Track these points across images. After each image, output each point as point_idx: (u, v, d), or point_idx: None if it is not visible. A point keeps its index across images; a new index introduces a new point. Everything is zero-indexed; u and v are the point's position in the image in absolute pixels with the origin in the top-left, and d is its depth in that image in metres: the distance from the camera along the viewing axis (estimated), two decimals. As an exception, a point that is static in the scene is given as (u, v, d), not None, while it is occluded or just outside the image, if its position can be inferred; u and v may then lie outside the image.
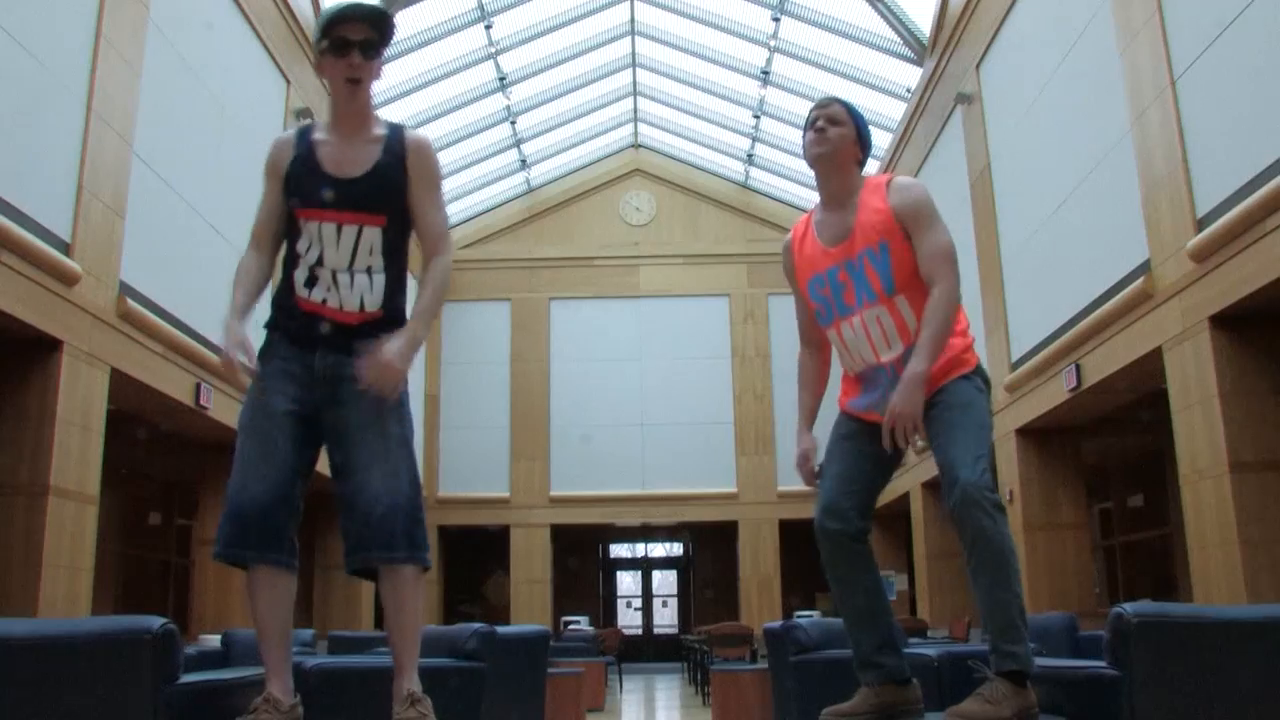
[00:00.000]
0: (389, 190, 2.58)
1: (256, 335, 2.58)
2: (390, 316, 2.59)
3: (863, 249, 2.70)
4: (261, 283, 2.65)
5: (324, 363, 2.53)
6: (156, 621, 2.40)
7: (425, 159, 2.64)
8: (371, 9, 2.59)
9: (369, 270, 2.56)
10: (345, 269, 2.55)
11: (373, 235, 2.56)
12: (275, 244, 2.68)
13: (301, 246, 2.57)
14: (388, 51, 2.70)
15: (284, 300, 2.60)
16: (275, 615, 2.48)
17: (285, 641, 2.51)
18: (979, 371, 2.69)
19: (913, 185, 2.72)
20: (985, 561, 2.43)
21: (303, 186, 2.58)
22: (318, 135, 2.65)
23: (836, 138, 2.75)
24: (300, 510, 2.55)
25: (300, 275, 2.57)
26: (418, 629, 2.53)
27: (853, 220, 2.73)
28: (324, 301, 2.55)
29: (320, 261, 2.55)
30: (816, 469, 2.86)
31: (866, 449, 2.74)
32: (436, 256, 2.63)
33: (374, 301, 2.57)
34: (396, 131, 2.66)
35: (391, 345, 2.45)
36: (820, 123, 2.77)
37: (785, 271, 2.98)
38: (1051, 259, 9.07)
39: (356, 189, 2.56)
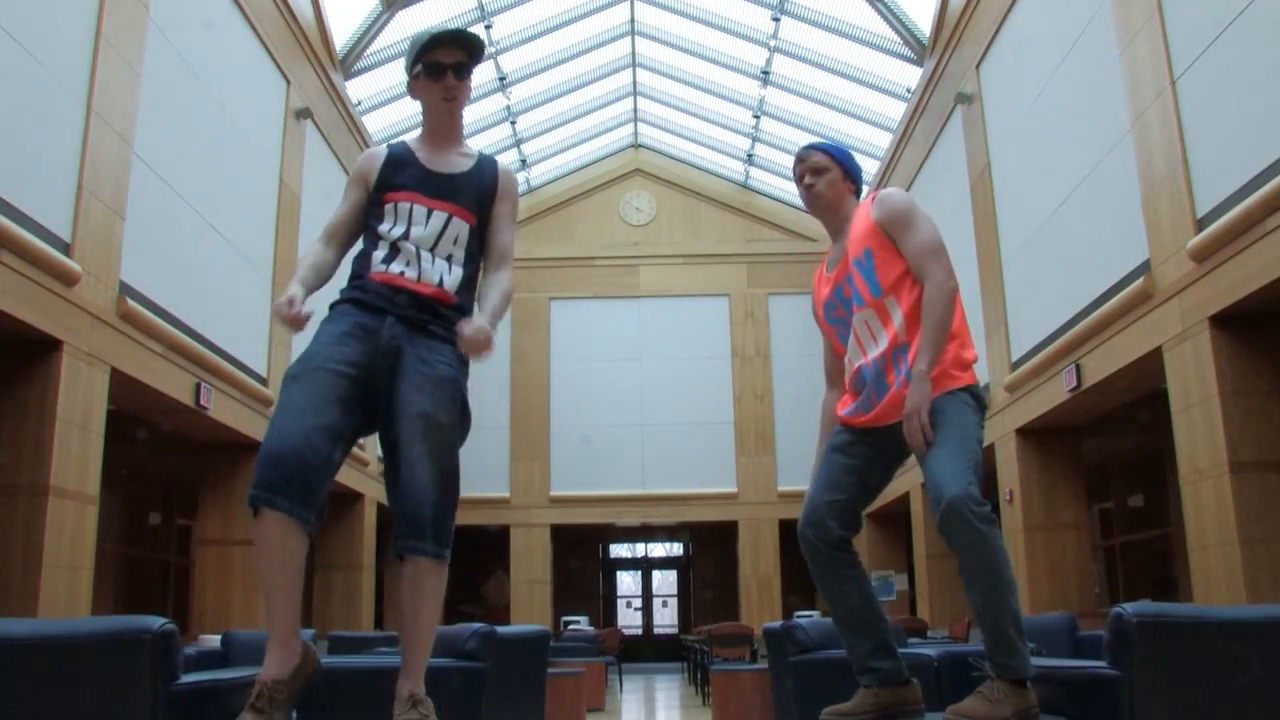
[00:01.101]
0: (479, 194, 2.73)
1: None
2: (462, 304, 2.66)
3: (853, 260, 2.78)
4: (325, 272, 2.69)
5: (391, 331, 2.53)
6: (156, 621, 2.39)
7: (513, 185, 2.83)
8: (463, 34, 2.74)
9: (450, 258, 2.66)
10: (429, 248, 2.64)
11: (460, 228, 2.68)
12: (346, 244, 2.76)
13: (385, 227, 2.65)
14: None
15: (357, 279, 2.65)
16: (285, 569, 2.33)
17: (292, 598, 2.35)
18: (970, 390, 2.67)
19: (891, 194, 2.80)
20: (975, 576, 2.42)
21: (395, 175, 2.70)
22: (412, 145, 2.78)
23: (825, 186, 2.90)
24: (334, 472, 2.45)
25: (379, 253, 2.64)
26: (432, 630, 2.49)
27: (846, 241, 2.84)
28: (401, 273, 2.60)
29: (406, 236, 2.64)
30: None
31: (853, 460, 2.76)
32: (501, 270, 2.75)
33: (451, 284, 2.64)
34: (490, 158, 2.84)
35: (480, 319, 2.55)
36: (807, 179, 2.92)
37: (813, 311, 3.04)
38: (1051, 259, 9.07)
39: (450, 182, 2.71)
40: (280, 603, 2.34)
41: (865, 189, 2.97)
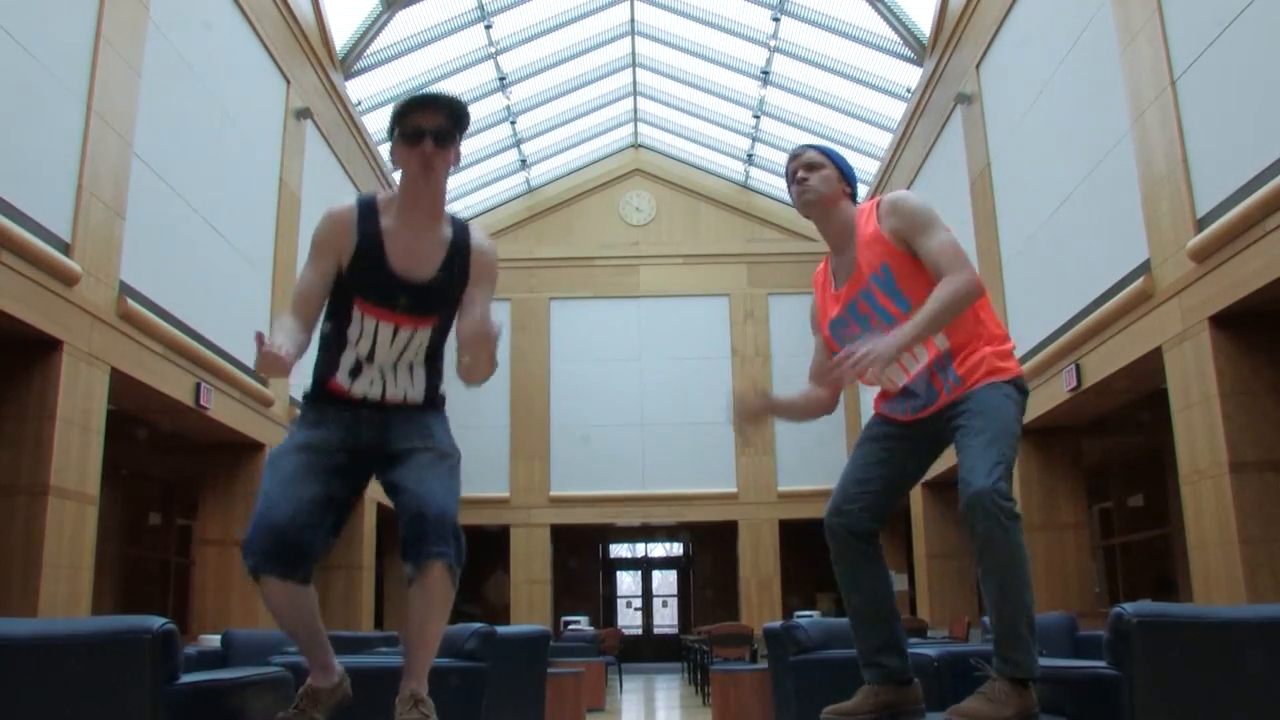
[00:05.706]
0: (450, 297, 2.64)
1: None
2: (429, 400, 2.69)
3: (869, 276, 2.69)
4: (303, 345, 2.58)
5: (370, 415, 2.63)
6: (156, 621, 2.39)
7: (489, 264, 2.69)
8: (445, 97, 2.58)
9: (411, 366, 2.65)
10: (392, 365, 2.63)
11: (424, 336, 2.64)
12: (315, 318, 2.65)
13: (352, 333, 2.61)
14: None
15: (325, 382, 2.64)
16: (300, 620, 2.55)
17: (315, 636, 2.60)
18: (1015, 382, 2.62)
19: (901, 199, 2.68)
20: (993, 570, 2.41)
21: (370, 283, 2.57)
22: (385, 221, 2.59)
23: (820, 181, 2.77)
24: (331, 539, 2.59)
25: (346, 362, 2.61)
26: (439, 634, 2.55)
27: (855, 254, 2.72)
28: (365, 397, 2.62)
29: (371, 356, 2.60)
30: (737, 415, 2.84)
31: (889, 454, 2.74)
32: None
33: (416, 394, 2.67)
34: (464, 234, 2.68)
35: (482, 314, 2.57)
36: (800, 173, 2.79)
37: (811, 318, 2.96)
38: (1051, 259, 9.07)
39: (422, 296, 2.59)
40: (307, 642, 2.61)
41: (862, 192, 2.91)
